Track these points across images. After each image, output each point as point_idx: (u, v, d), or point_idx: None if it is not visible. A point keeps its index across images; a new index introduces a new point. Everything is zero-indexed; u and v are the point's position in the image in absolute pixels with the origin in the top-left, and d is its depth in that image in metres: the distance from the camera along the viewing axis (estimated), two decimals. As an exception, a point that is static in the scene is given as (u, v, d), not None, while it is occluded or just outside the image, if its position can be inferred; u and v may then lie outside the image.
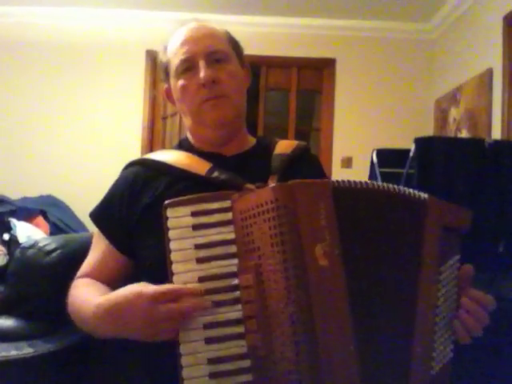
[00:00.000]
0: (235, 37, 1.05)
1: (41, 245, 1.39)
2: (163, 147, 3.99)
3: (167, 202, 0.74)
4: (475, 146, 2.13)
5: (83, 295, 0.87)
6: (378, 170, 2.67)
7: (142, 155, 1.04)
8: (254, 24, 3.99)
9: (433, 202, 0.78)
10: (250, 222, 0.71)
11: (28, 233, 2.69)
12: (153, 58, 3.95)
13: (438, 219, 0.77)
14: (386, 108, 4.04)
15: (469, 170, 2.06)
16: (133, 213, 0.92)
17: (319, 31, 4.07)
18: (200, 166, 0.91)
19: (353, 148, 3.99)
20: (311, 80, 4.18)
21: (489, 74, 3.02)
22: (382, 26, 4.03)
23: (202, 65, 0.93)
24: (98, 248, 0.96)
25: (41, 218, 3.19)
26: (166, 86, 1.05)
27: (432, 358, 0.74)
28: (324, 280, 0.67)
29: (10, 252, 2.38)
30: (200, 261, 0.72)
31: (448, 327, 0.76)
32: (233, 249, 0.72)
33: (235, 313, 0.70)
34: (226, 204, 0.74)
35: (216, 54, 0.95)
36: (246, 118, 1.05)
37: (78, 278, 0.95)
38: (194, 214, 0.73)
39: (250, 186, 0.85)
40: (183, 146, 1.04)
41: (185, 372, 0.69)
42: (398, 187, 0.77)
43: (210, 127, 0.96)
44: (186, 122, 1.02)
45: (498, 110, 2.91)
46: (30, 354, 1.24)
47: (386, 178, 2.60)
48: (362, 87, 4.07)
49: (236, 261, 0.72)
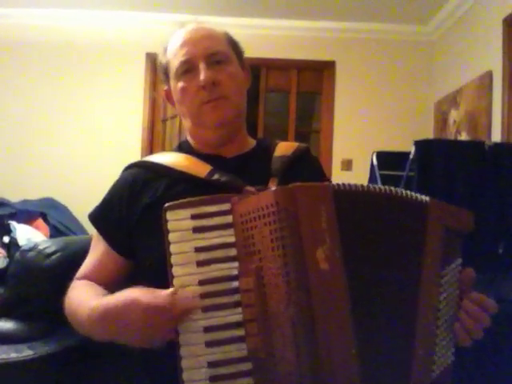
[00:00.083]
0: (235, 38, 1.04)
1: (41, 247, 1.39)
2: (163, 149, 3.99)
3: (167, 205, 0.74)
4: (475, 148, 2.13)
5: (80, 297, 0.87)
6: (377, 173, 2.67)
7: (142, 157, 1.03)
8: (253, 26, 3.99)
9: (434, 204, 0.77)
10: (251, 225, 0.70)
11: (28, 235, 2.69)
12: (153, 60, 3.95)
13: (440, 222, 0.77)
14: (386, 110, 4.04)
15: (469, 173, 2.06)
16: (132, 213, 0.91)
17: (319, 33, 4.08)
18: (200, 168, 0.91)
19: (353, 150, 3.99)
20: (311, 82, 4.18)
21: (489, 75, 3.02)
22: (382, 28, 4.03)
23: (201, 67, 0.92)
24: (97, 250, 0.96)
25: (41, 221, 3.19)
26: (165, 88, 1.04)
27: (433, 361, 0.73)
28: (325, 283, 0.67)
29: (10, 254, 2.38)
30: (200, 264, 0.71)
31: (449, 330, 0.76)
32: (233, 252, 0.72)
33: (235, 316, 0.70)
34: (226, 207, 0.74)
35: (216, 55, 0.95)
36: (245, 119, 1.05)
37: (77, 279, 0.95)
38: (194, 217, 0.73)
39: (250, 189, 0.85)
40: (183, 148, 1.04)
41: (185, 375, 0.69)
42: (399, 190, 0.76)
43: (210, 129, 0.96)
44: (186, 124, 1.02)
45: (498, 112, 2.91)
46: (29, 357, 1.24)
47: (386, 180, 2.60)
48: (361, 89, 4.07)
49: (236, 264, 0.71)
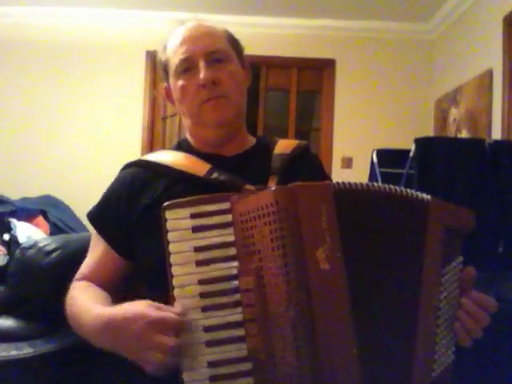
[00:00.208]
0: (235, 36, 1.03)
1: (41, 245, 1.39)
2: (163, 147, 3.99)
3: (166, 204, 0.73)
4: (475, 146, 2.13)
5: (82, 302, 0.85)
6: (378, 170, 2.67)
7: (142, 155, 1.02)
8: (253, 24, 3.98)
9: (435, 203, 0.77)
10: (251, 224, 0.70)
11: (28, 233, 2.69)
12: (153, 59, 3.94)
13: (441, 221, 0.76)
14: (386, 108, 4.04)
15: (469, 171, 2.06)
16: (131, 213, 0.91)
17: (319, 32, 4.07)
18: (199, 167, 0.91)
19: (353, 148, 3.99)
20: (311, 80, 4.17)
21: (489, 74, 3.01)
22: (382, 27, 4.02)
23: (201, 65, 0.92)
24: (96, 250, 0.95)
25: (41, 218, 3.19)
26: (165, 85, 1.04)
27: (434, 361, 0.73)
28: (325, 283, 0.66)
29: (10, 252, 2.38)
30: (200, 263, 0.71)
31: (450, 330, 0.76)
32: (233, 251, 0.71)
33: (235, 316, 0.70)
34: (225, 206, 0.73)
35: (216, 53, 0.94)
36: (245, 118, 1.04)
37: (76, 280, 0.94)
38: (194, 216, 0.72)
39: (249, 187, 0.85)
40: (182, 146, 1.03)
41: (185, 375, 0.68)
42: (400, 188, 0.75)
43: (210, 128, 0.95)
44: (186, 122, 1.01)
45: (498, 111, 2.91)
46: (30, 354, 1.24)
47: (386, 178, 2.60)
48: (361, 87, 4.07)
49: (236, 263, 0.71)
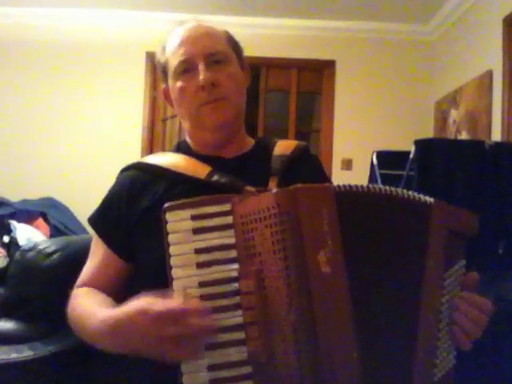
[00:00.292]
0: (235, 37, 1.02)
1: (41, 247, 1.39)
2: (163, 149, 3.99)
3: (166, 206, 0.73)
4: (475, 147, 2.13)
5: (86, 308, 0.84)
6: (377, 172, 2.67)
7: (142, 157, 1.02)
8: (253, 25, 3.98)
9: (438, 205, 0.76)
10: (251, 226, 0.69)
11: (28, 235, 2.69)
12: (153, 60, 3.94)
13: (443, 223, 0.75)
14: (386, 110, 4.04)
15: (469, 172, 2.06)
16: (132, 214, 0.91)
17: (319, 33, 4.07)
18: (199, 170, 0.90)
19: (353, 150, 3.99)
20: (311, 81, 4.18)
21: (489, 75, 3.01)
22: (382, 28, 4.02)
23: (201, 67, 0.91)
24: (96, 255, 0.94)
25: (41, 220, 3.19)
26: (163, 86, 1.03)
27: (435, 365, 0.73)
28: (326, 287, 0.66)
29: (10, 254, 2.38)
30: (200, 265, 0.70)
31: (451, 333, 0.75)
32: (233, 253, 0.71)
33: (236, 318, 0.69)
34: (226, 207, 0.72)
35: (215, 55, 0.93)
36: (245, 119, 1.04)
37: (78, 286, 0.93)
38: (194, 218, 0.72)
39: (250, 189, 0.84)
40: (181, 148, 1.02)
41: (185, 378, 0.68)
42: (402, 190, 0.75)
43: (209, 130, 0.95)
44: (184, 124, 1.00)
45: (498, 112, 2.91)
46: (30, 357, 1.24)
47: (386, 179, 2.60)
48: (361, 89, 4.07)
49: (237, 266, 0.70)
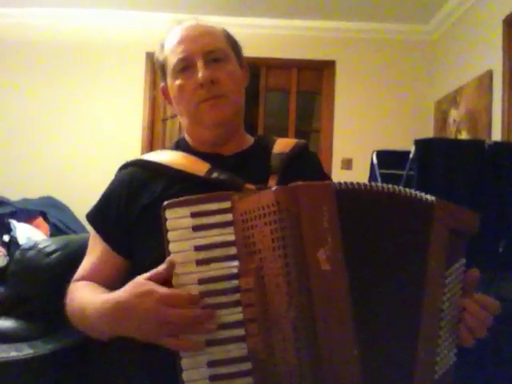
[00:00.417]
0: (233, 35, 1.02)
1: (41, 246, 1.39)
2: (163, 148, 3.98)
3: (166, 203, 0.73)
4: (475, 147, 2.13)
5: (84, 295, 0.85)
6: (377, 172, 2.67)
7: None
8: (254, 26, 3.99)
9: (439, 204, 0.76)
10: (251, 224, 0.69)
11: (28, 234, 2.69)
12: (152, 59, 3.94)
13: (445, 222, 0.75)
14: (386, 109, 4.04)
15: (469, 172, 2.06)
16: (131, 212, 0.91)
17: (319, 33, 4.08)
18: (198, 167, 0.90)
19: (353, 149, 3.99)
20: (311, 81, 4.18)
21: (489, 75, 3.01)
22: (382, 28, 4.03)
23: (200, 65, 0.91)
24: (94, 251, 0.95)
25: (41, 220, 3.19)
26: (162, 84, 1.03)
27: (436, 363, 0.73)
28: (326, 284, 0.66)
29: (10, 253, 2.38)
30: (200, 262, 0.70)
31: (452, 331, 0.75)
32: (233, 250, 0.71)
33: (236, 315, 0.69)
34: (226, 204, 0.72)
35: (214, 53, 0.93)
36: (245, 119, 1.04)
37: (75, 281, 0.93)
38: (194, 215, 0.71)
39: (249, 187, 0.84)
40: (180, 146, 1.03)
41: (185, 374, 0.68)
42: (403, 189, 0.74)
43: (208, 128, 0.95)
44: (183, 122, 1.00)
45: (498, 112, 2.91)
46: (29, 355, 1.25)
47: (386, 179, 2.60)
48: (361, 88, 4.07)
49: (236, 263, 0.70)
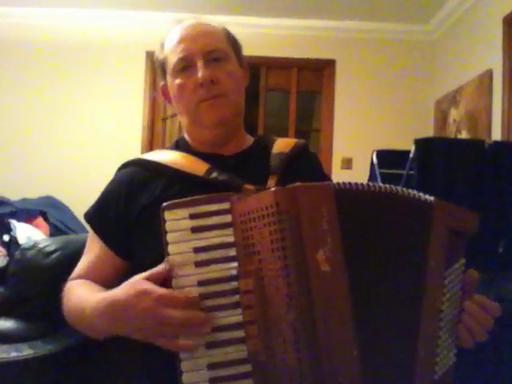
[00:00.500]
0: (233, 34, 1.02)
1: (41, 246, 1.39)
2: (163, 148, 3.98)
3: (165, 205, 0.72)
4: (475, 147, 2.13)
5: (80, 293, 0.85)
6: (377, 171, 2.67)
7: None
8: (253, 25, 3.98)
9: (439, 204, 0.75)
10: (250, 225, 0.69)
11: (28, 234, 2.69)
12: (153, 59, 3.94)
13: (444, 222, 0.75)
14: (386, 109, 4.04)
15: (468, 171, 2.06)
16: (130, 212, 0.90)
17: (319, 32, 4.07)
18: (198, 167, 0.90)
19: (353, 149, 3.99)
20: (311, 81, 4.17)
21: (489, 74, 3.01)
22: (382, 28, 4.02)
23: (200, 64, 0.91)
24: (92, 250, 0.94)
25: (41, 219, 3.19)
26: (162, 83, 1.03)
27: (435, 363, 0.72)
28: (326, 285, 0.65)
29: (10, 253, 2.38)
30: (199, 264, 0.70)
31: (451, 332, 0.75)
32: (232, 252, 0.70)
33: (235, 317, 0.69)
34: (225, 206, 0.72)
35: (214, 52, 0.93)
36: (245, 118, 1.04)
37: (72, 279, 0.93)
38: (193, 217, 0.71)
39: (249, 187, 0.84)
40: (180, 145, 1.03)
41: (185, 377, 0.68)
42: (402, 189, 0.74)
43: (207, 127, 0.95)
44: (183, 121, 1.00)
45: (498, 111, 2.91)
46: (30, 356, 1.24)
47: (386, 178, 2.60)
48: (361, 88, 4.07)
49: (236, 264, 0.70)
